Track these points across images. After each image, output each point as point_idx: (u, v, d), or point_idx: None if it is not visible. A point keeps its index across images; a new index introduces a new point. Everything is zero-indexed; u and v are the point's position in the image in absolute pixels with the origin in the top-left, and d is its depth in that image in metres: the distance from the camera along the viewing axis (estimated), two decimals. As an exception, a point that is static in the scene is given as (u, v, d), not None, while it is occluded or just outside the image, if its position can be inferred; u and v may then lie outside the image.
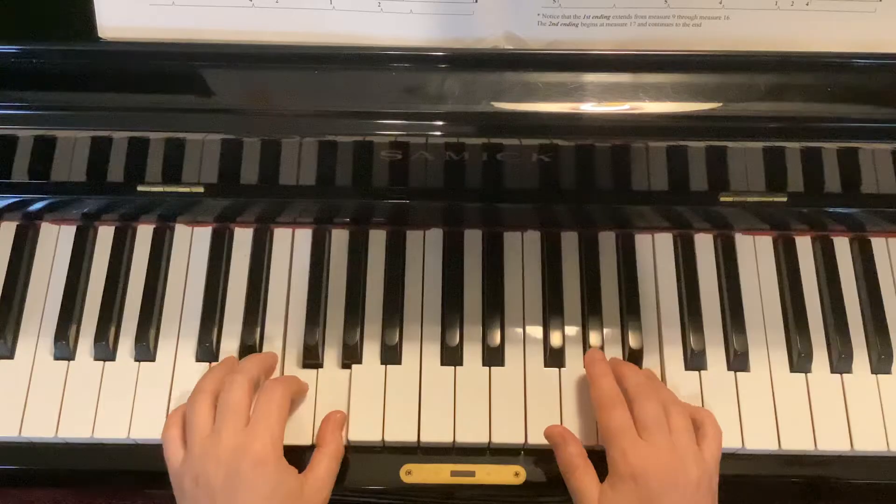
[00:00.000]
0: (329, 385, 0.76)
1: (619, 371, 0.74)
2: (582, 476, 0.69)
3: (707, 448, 0.70)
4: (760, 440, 0.75)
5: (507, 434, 0.75)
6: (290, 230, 0.83)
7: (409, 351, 0.78)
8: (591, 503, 0.68)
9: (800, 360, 0.78)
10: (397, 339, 0.78)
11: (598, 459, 0.70)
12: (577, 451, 0.71)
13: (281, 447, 0.68)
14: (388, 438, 0.75)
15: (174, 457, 0.69)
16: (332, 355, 0.78)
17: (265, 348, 0.78)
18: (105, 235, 0.82)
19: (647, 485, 0.66)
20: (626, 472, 0.66)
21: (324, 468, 0.70)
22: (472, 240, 0.82)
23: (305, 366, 0.78)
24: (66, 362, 0.77)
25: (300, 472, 0.69)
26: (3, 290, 0.80)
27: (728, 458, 0.74)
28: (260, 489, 0.65)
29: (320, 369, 0.77)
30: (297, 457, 0.71)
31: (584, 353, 0.77)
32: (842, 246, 0.83)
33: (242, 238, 0.82)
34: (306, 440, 0.74)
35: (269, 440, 0.67)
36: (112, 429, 0.75)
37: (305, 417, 0.75)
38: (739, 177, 0.77)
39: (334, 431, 0.73)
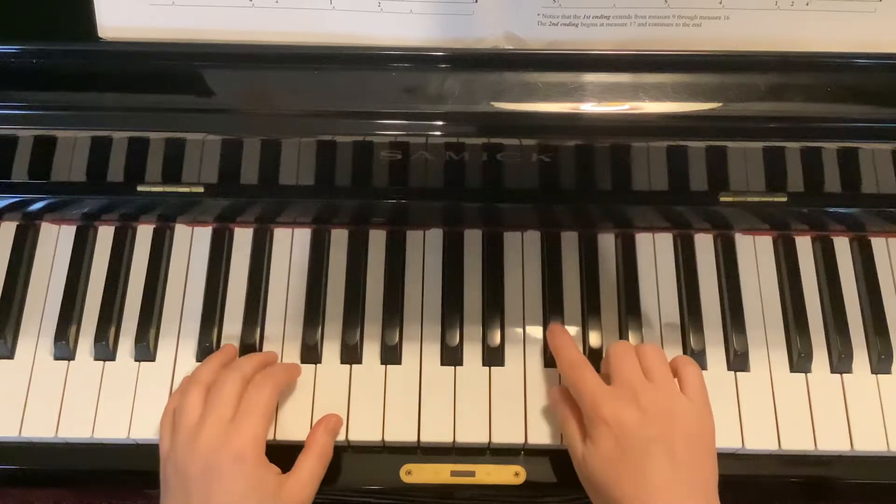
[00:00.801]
0: (329, 384, 0.76)
1: (608, 351, 0.73)
2: (572, 429, 0.69)
3: (690, 392, 0.69)
4: (760, 440, 0.75)
5: (507, 434, 0.75)
6: (289, 230, 0.83)
7: (409, 351, 0.78)
8: (575, 454, 0.69)
9: (800, 360, 0.78)
10: (397, 339, 0.78)
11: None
12: (571, 408, 0.71)
13: (263, 445, 0.68)
14: (388, 438, 0.75)
15: (163, 443, 0.70)
16: (331, 355, 0.78)
17: (265, 348, 0.78)
18: (105, 235, 0.82)
19: (620, 426, 0.65)
20: (597, 420, 0.66)
21: (307, 470, 0.70)
22: (472, 240, 0.82)
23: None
24: (66, 362, 0.77)
25: (286, 471, 0.69)
26: (3, 290, 0.80)
27: (728, 458, 0.74)
28: (234, 485, 0.65)
29: (320, 369, 0.77)
30: (290, 454, 0.71)
31: (583, 353, 0.77)
32: (842, 246, 0.83)
33: (242, 238, 0.82)
34: (302, 437, 0.74)
35: (250, 437, 0.67)
36: (112, 429, 0.75)
37: (303, 416, 0.75)
38: (739, 177, 0.77)
39: (325, 434, 0.73)
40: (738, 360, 0.77)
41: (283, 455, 0.70)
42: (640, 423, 0.66)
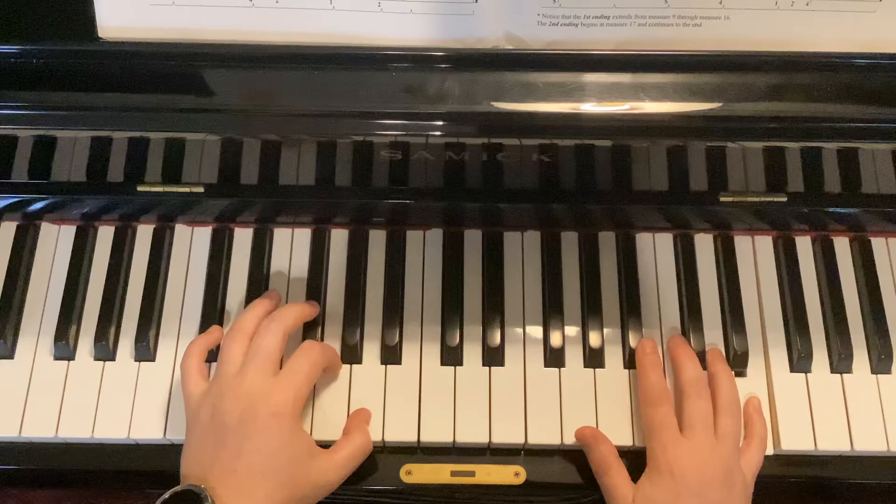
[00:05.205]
0: (329, 384, 0.76)
1: (678, 360, 0.75)
2: (616, 475, 0.71)
3: (747, 456, 0.71)
4: (760, 440, 0.75)
5: (507, 434, 0.75)
6: (289, 230, 0.83)
7: (409, 351, 0.78)
8: (624, 499, 0.69)
9: (800, 360, 0.78)
10: (397, 339, 0.78)
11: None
12: (609, 450, 0.72)
13: (301, 406, 0.69)
14: (388, 438, 0.75)
15: (195, 387, 0.70)
16: (332, 355, 0.78)
17: (265, 348, 0.78)
18: (105, 235, 0.82)
19: (684, 480, 0.67)
20: (664, 466, 0.68)
21: (346, 454, 0.70)
22: (472, 240, 0.82)
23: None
24: (66, 362, 0.77)
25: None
26: (3, 290, 0.80)
27: (728, 458, 0.74)
28: (270, 440, 0.66)
29: (320, 369, 0.77)
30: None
31: (583, 353, 0.78)
32: (842, 246, 0.83)
33: (242, 238, 0.82)
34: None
35: (291, 395, 0.68)
36: (112, 429, 0.75)
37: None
38: (739, 177, 0.77)
39: (360, 425, 0.74)
40: (738, 360, 0.77)
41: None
42: (701, 481, 0.67)
